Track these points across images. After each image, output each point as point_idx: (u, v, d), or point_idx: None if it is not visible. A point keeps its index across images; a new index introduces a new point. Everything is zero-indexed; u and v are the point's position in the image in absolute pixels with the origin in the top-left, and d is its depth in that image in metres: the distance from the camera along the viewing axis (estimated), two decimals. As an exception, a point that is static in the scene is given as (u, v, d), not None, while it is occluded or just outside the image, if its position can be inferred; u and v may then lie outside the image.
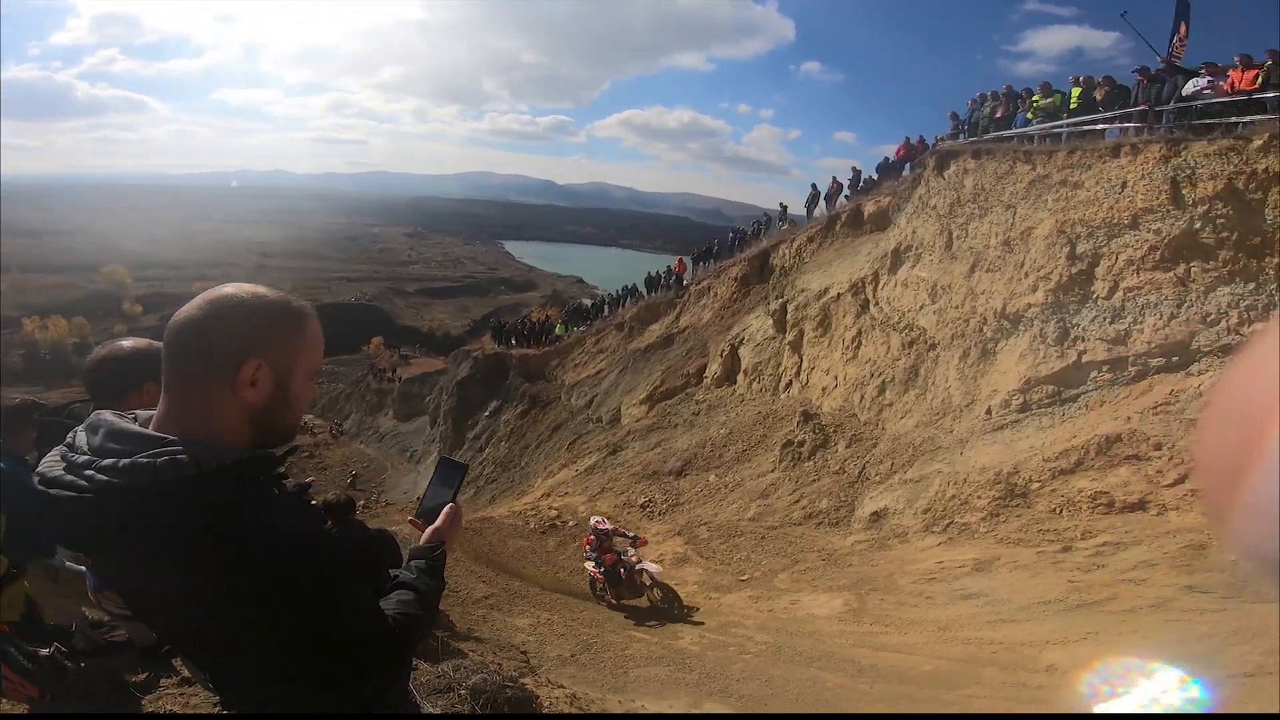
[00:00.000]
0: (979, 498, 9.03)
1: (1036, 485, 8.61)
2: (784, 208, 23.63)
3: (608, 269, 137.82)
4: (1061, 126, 13.34)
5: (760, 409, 16.64)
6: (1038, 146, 13.51)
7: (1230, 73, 10.57)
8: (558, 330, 29.60)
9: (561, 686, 5.31)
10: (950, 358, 12.74)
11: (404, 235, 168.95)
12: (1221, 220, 8.97)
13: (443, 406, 31.43)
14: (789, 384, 17.38)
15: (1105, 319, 10.13)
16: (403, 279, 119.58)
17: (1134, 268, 9.94)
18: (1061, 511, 8.01)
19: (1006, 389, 10.87)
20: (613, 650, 7.68)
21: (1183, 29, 12.81)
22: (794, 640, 7.38)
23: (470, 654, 5.53)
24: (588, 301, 38.52)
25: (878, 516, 10.41)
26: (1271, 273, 8.48)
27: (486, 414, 28.37)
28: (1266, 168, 8.70)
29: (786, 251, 20.52)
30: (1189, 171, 9.54)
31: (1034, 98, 14.62)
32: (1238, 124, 9.72)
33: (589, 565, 9.92)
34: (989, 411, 10.92)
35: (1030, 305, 11.38)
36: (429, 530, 1.43)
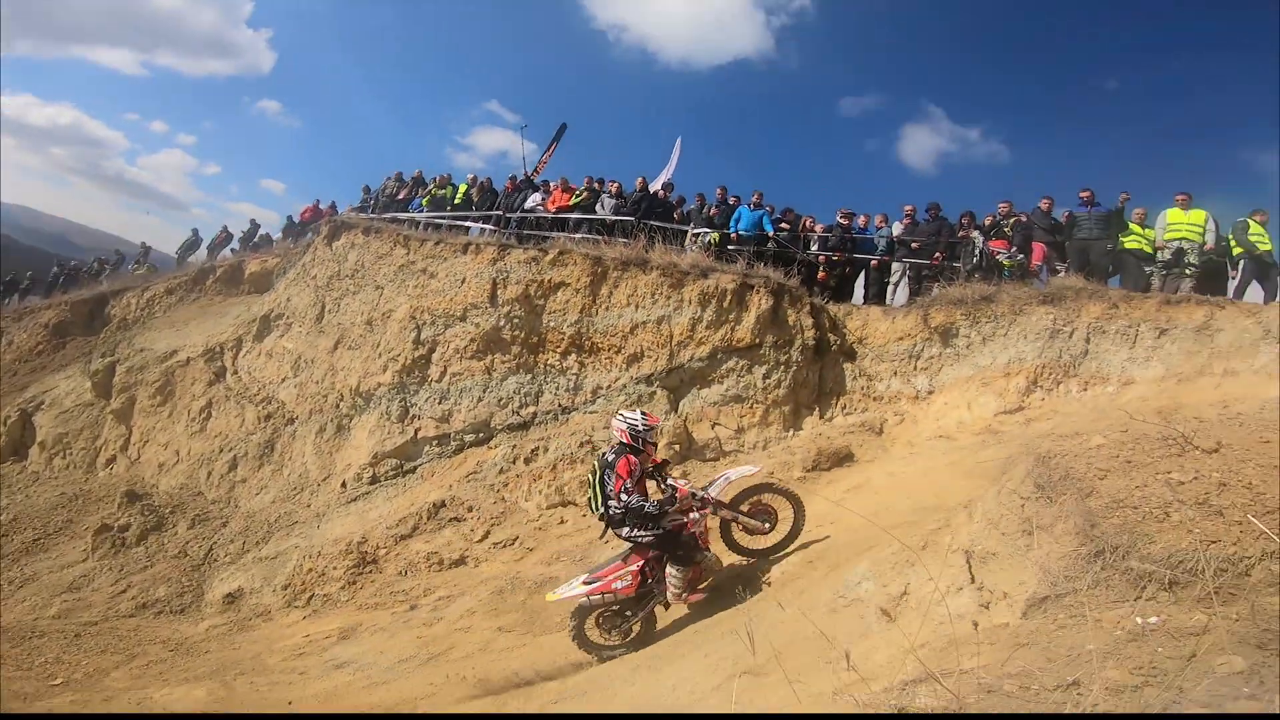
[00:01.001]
0: (336, 568, 9.03)
1: (384, 551, 8.98)
2: (146, 248, 18.89)
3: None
4: (443, 217, 13.94)
5: (65, 489, 13.83)
6: (419, 233, 13.78)
7: (555, 191, 12.75)
8: None
9: None
10: (308, 432, 12.11)
11: None
12: (518, 319, 10.18)
13: None
14: (112, 459, 14.00)
15: (436, 399, 10.74)
16: None
17: (459, 355, 10.57)
18: (406, 573, 8.49)
19: (359, 463, 10.97)
20: None
21: (551, 149, 15.41)
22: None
23: None
24: None
25: (233, 598, 9.63)
26: (543, 366, 9.85)
27: None
28: (550, 278, 10.28)
29: (134, 301, 16.24)
30: (505, 275, 10.67)
31: (431, 185, 15.22)
32: (547, 237, 11.51)
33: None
34: (344, 485, 10.91)
35: (380, 384, 11.26)
36: None
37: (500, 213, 12.94)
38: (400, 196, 15.91)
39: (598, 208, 12.14)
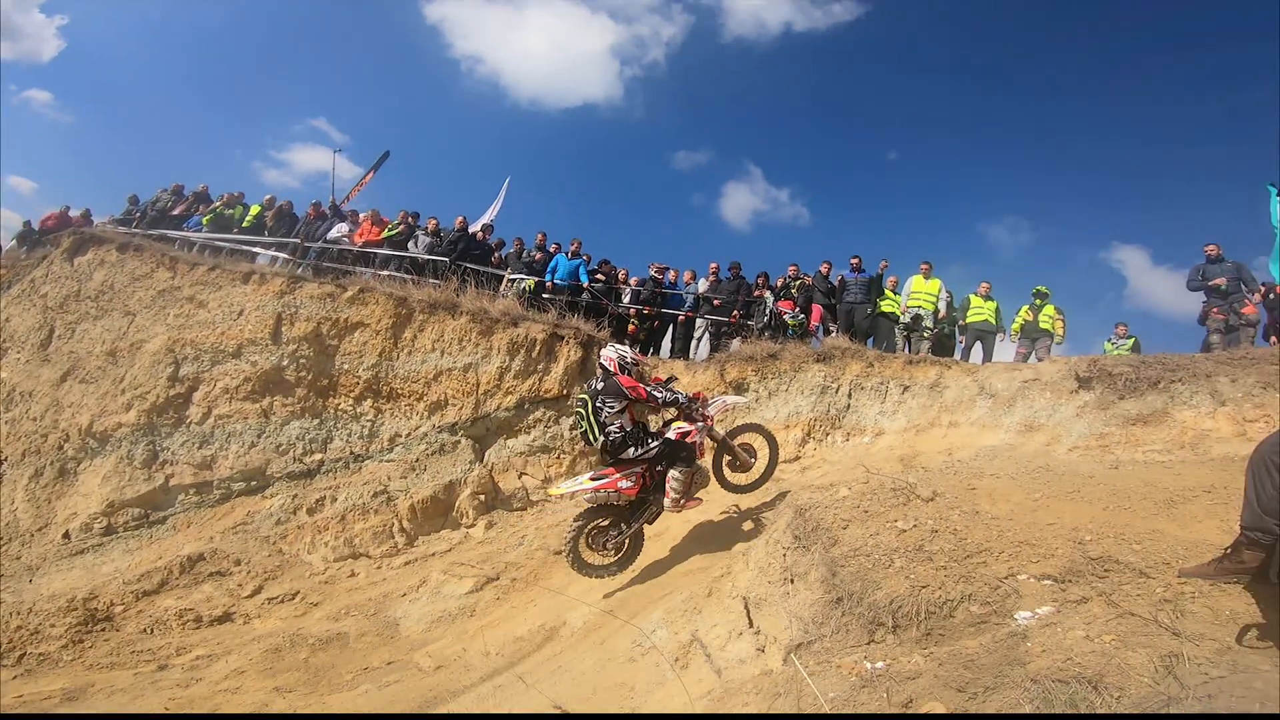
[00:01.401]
0: (54, 626, 8.02)
1: (121, 608, 8.07)
2: None
3: None
4: (225, 240, 12.32)
5: None
6: (192, 255, 12.02)
7: (364, 223, 11.85)
8: None
9: None
10: (19, 476, 10.02)
11: None
12: (305, 359, 9.21)
13: None
14: None
15: (196, 443, 9.35)
16: None
17: (229, 396, 9.28)
18: (153, 631, 7.73)
19: (88, 511, 9.36)
20: None
21: (368, 178, 14.30)
22: None
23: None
24: None
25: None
26: (334, 411, 8.95)
27: None
28: (348, 317, 9.46)
29: None
30: (294, 310, 9.63)
31: (217, 202, 13.44)
32: (350, 272, 10.62)
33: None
34: (67, 535, 9.31)
35: (121, 424, 9.49)
36: None
37: (298, 241, 11.79)
38: (175, 211, 13.87)
39: (410, 245, 11.55)
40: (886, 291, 10.04)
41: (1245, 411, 5.20)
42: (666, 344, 11.03)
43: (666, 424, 5.76)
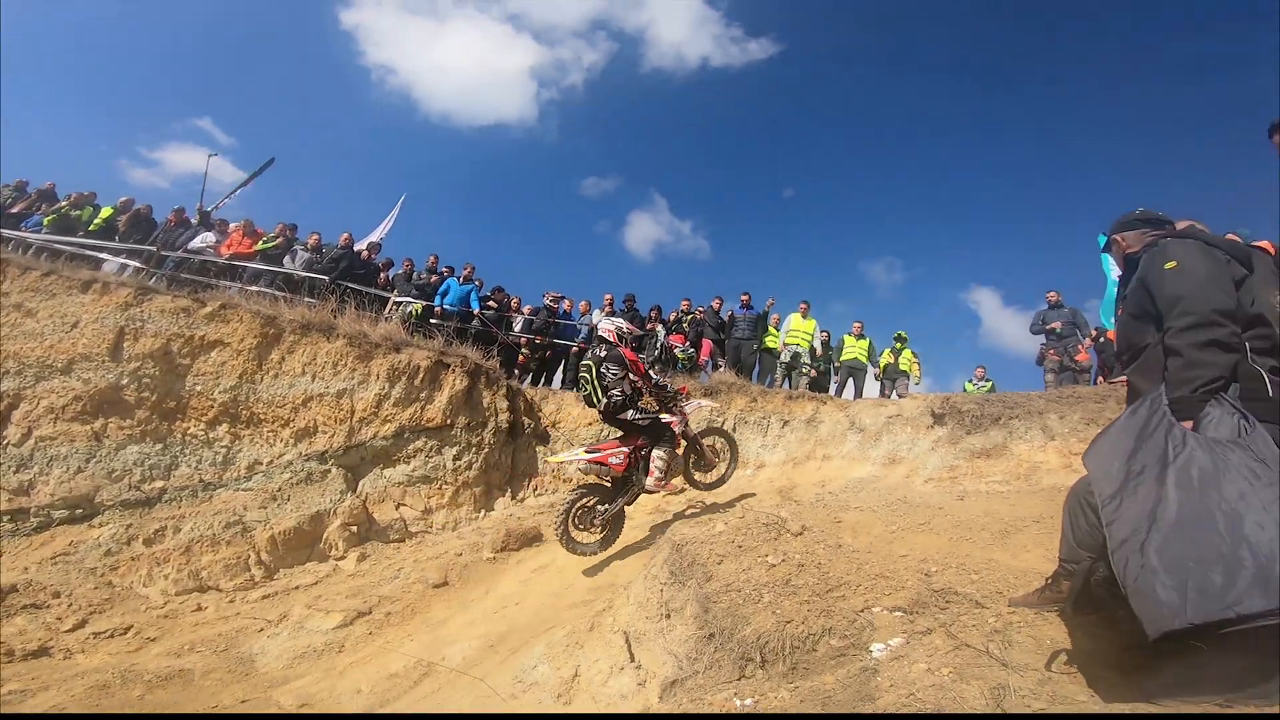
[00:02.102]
0: None
1: None
2: None
3: None
4: (67, 243, 10.89)
5: None
6: (24, 258, 10.52)
7: (234, 233, 10.89)
8: None
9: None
10: None
11: None
12: (150, 379, 8.28)
13: None
14: None
15: (11, 467, 8.10)
16: None
17: (54, 416, 8.14)
18: None
19: None
20: None
21: (247, 184, 13.01)
22: None
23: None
24: None
25: None
26: (181, 436, 8.06)
27: None
28: (205, 334, 8.62)
29: None
30: (141, 324, 8.65)
31: (64, 202, 11.89)
32: (213, 286, 9.70)
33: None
34: None
35: None
36: None
37: (153, 249, 10.66)
38: (15, 209, 12.16)
39: (286, 260, 10.77)
40: (770, 328, 10.51)
41: (1071, 445, 5.83)
42: (560, 375, 10.92)
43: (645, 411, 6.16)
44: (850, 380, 10.45)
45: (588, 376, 6.06)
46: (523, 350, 10.36)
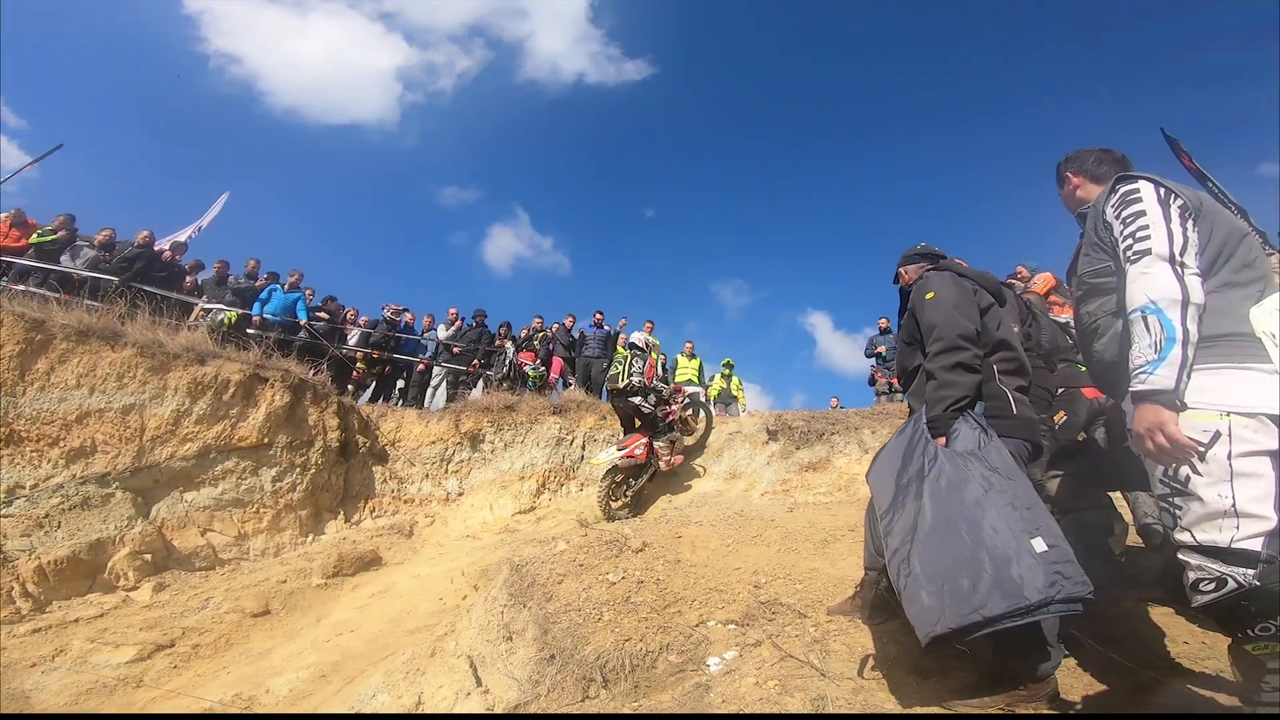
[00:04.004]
0: None
1: None
2: None
3: None
4: None
5: None
6: None
7: None
8: None
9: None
10: None
11: None
12: None
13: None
14: None
15: None
16: None
17: None
18: None
19: None
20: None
21: (24, 169, 10.94)
22: None
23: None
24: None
25: None
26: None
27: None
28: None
29: None
30: None
31: None
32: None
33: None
34: None
35: None
36: None
37: None
38: None
39: (65, 257, 9.10)
40: (619, 348, 10.67)
41: (882, 459, 6.47)
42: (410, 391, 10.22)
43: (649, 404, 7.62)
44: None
45: (623, 362, 7.56)
46: (358, 365, 9.57)
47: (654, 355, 9.29)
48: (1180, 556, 1.69)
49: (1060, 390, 3.58)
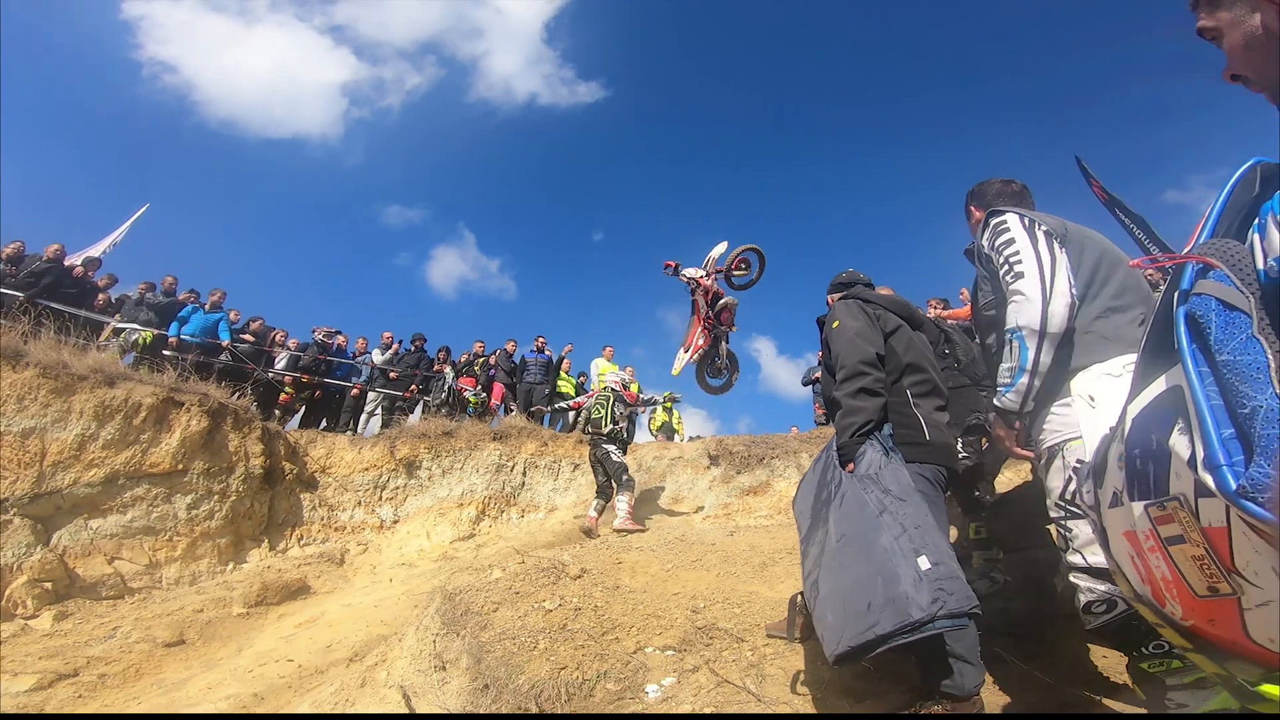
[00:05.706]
0: None
1: None
2: None
3: None
4: None
5: None
6: None
7: None
8: None
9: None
10: None
11: None
12: None
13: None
14: None
15: None
16: None
17: None
18: None
19: None
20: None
21: None
22: None
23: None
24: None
25: None
26: None
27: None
28: None
29: None
30: None
31: None
32: None
33: None
34: None
35: None
36: None
37: None
38: None
39: (-43, 270, 8.39)
40: (563, 374, 10.57)
41: (819, 482, 6.60)
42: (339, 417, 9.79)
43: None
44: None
45: (605, 406, 7.34)
46: (286, 389, 9.13)
47: (633, 387, 9.32)
48: (1071, 579, 1.76)
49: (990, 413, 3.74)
